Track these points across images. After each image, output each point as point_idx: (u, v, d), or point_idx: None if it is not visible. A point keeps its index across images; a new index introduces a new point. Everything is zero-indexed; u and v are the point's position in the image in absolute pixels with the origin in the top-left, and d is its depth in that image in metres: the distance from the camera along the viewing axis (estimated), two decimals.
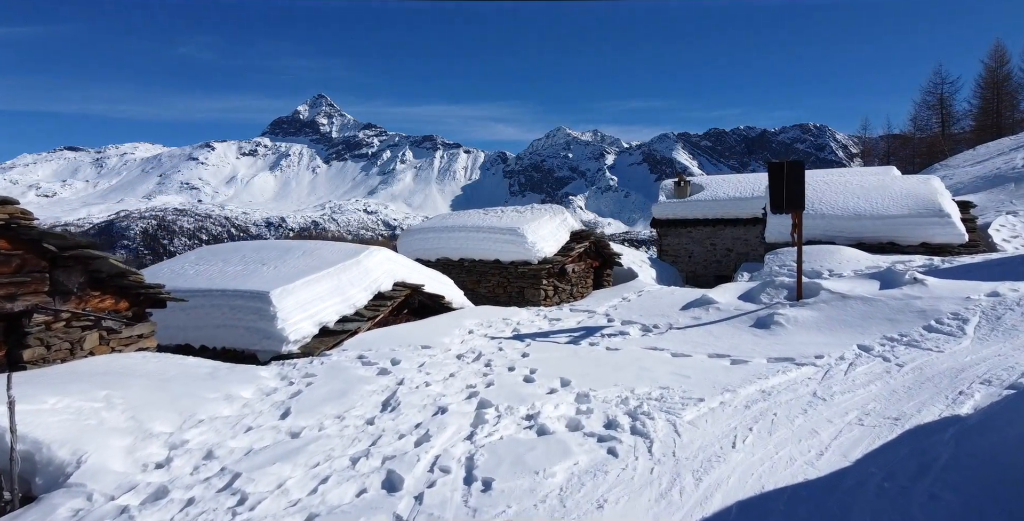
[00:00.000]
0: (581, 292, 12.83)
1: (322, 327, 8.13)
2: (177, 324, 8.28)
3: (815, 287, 8.13)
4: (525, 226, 11.87)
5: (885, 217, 13.29)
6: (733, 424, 4.45)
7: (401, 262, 9.69)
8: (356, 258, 8.97)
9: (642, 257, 15.25)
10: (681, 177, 20.33)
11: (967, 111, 40.37)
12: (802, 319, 7.41)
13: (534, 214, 12.54)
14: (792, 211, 8.07)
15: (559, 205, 12.92)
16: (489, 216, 12.84)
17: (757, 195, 19.02)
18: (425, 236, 12.87)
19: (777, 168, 8.11)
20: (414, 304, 9.59)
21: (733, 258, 19.48)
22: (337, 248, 9.37)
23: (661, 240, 20.37)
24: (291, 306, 7.87)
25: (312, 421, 4.63)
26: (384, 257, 9.31)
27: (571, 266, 12.31)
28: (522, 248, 11.70)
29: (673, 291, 10.22)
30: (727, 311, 8.29)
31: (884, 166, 19.55)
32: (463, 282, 12.42)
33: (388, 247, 33.25)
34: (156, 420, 4.45)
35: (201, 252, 10.02)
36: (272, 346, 7.65)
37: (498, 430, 4.37)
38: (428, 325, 8.54)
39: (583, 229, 13.02)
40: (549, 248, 11.96)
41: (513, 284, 11.89)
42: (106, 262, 5.94)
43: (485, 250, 12.11)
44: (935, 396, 4.72)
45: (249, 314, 7.83)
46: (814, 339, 6.87)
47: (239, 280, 8.41)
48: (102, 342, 6.07)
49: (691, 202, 19.74)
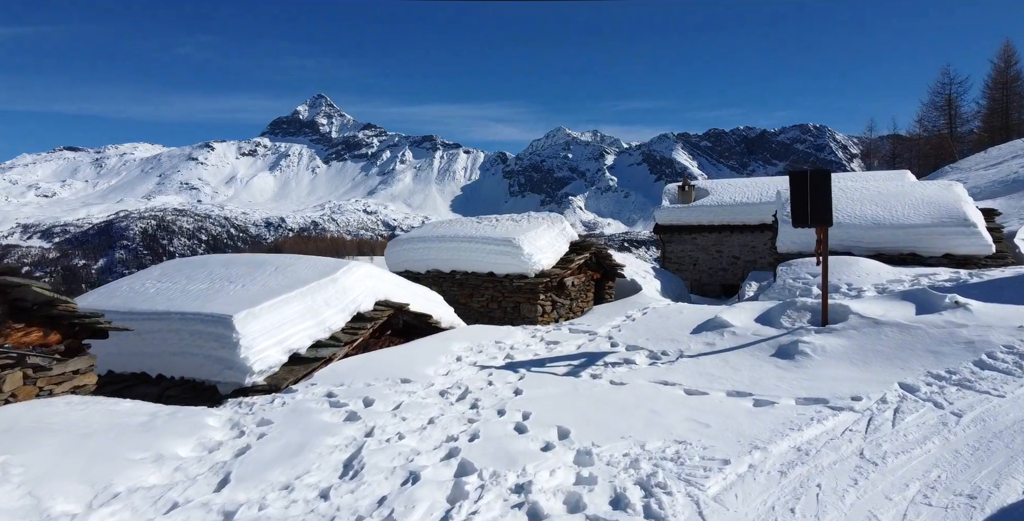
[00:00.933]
0: (581, 306, 12.00)
1: (293, 354, 7.29)
2: (133, 350, 7.44)
3: (843, 310, 7.30)
4: (521, 236, 11.04)
5: (905, 226, 12.45)
6: (770, 501, 3.61)
7: (384, 278, 8.85)
8: (333, 275, 8.12)
9: (646, 267, 14.41)
10: (686, 181, 19.50)
11: (976, 112, 39.55)
12: (830, 348, 6.57)
13: (531, 223, 11.70)
14: (817, 226, 7.23)
15: (558, 213, 12.05)
16: (483, 225, 12.00)
17: (765, 200, 18.20)
18: (414, 246, 12.03)
19: (800, 178, 7.27)
20: (398, 325, 8.76)
21: (740, 266, 18.65)
22: (312, 264, 8.53)
23: (664, 247, 19.53)
24: (257, 331, 7.03)
25: (254, 494, 3.79)
26: (364, 273, 8.47)
27: (570, 279, 11.47)
28: (518, 260, 10.87)
29: (681, 309, 9.39)
30: (744, 336, 7.46)
31: (898, 170, 18.75)
32: (455, 296, 11.59)
33: None
34: (60, 496, 3.61)
35: (166, 267, 9.18)
36: (234, 377, 6.81)
37: (479, 510, 3.53)
38: (412, 351, 7.71)
39: (584, 239, 12.18)
40: (547, 260, 11.12)
41: (508, 299, 11.06)
42: (29, 290, 5.10)
43: (478, 262, 11.28)
44: (1011, 462, 3.89)
45: (209, 341, 6.99)
46: (846, 373, 6.03)
47: (201, 301, 7.57)
48: (27, 382, 5.24)
49: (696, 207, 18.90)
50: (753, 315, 8.05)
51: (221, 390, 6.92)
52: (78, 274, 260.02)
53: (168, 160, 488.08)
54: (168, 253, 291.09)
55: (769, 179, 20.04)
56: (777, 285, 11.84)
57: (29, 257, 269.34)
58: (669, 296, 13.68)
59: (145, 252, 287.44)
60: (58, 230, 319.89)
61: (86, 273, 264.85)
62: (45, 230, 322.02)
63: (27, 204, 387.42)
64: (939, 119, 39.57)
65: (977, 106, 40.78)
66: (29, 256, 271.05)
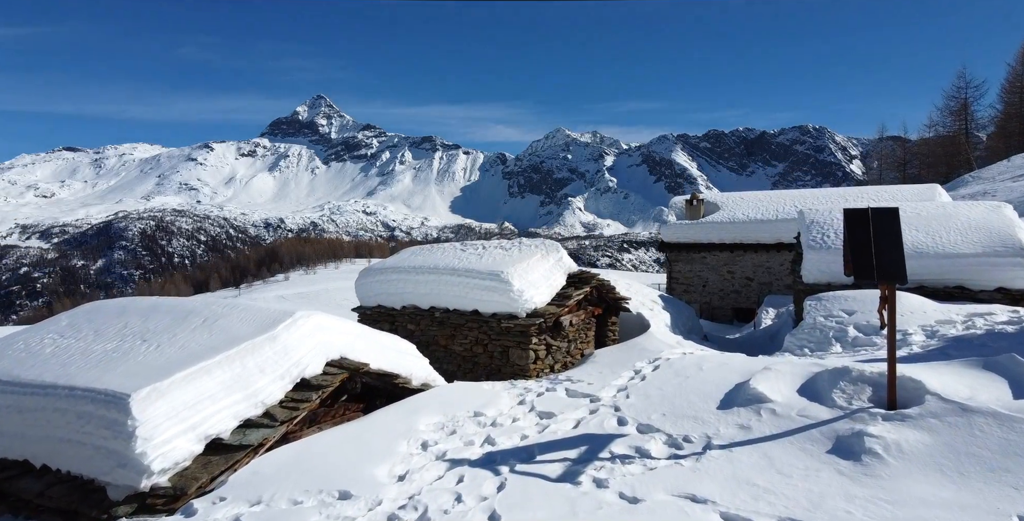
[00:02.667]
0: (580, 349, 10.41)
1: (212, 440, 5.70)
2: (16, 431, 5.88)
3: (915, 388, 5.72)
4: (510, 269, 9.46)
5: (952, 255, 10.87)
6: None
7: (340, 329, 7.26)
8: (271, 332, 6.52)
9: (652, 296, 12.82)
10: (694, 195, 17.91)
11: (992, 117, 37.94)
12: (909, 448, 4.99)
13: (522, 252, 10.11)
14: (883, 283, 5.64)
15: (553, 240, 10.45)
16: (467, 253, 10.41)
17: (782, 217, 16.61)
18: (388, 278, 10.44)
19: (859, 217, 5.68)
20: (355, 389, 7.17)
21: (754, 288, 17.06)
22: (250, 315, 6.93)
23: (671, 266, 17.93)
24: (163, 414, 5.43)
25: None
26: (313, 327, 6.88)
27: (568, 318, 9.89)
28: (506, 297, 9.28)
29: (701, 364, 7.81)
30: (787, 416, 5.87)
31: (926, 184, 17.18)
32: (434, 336, 10.02)
33: (384, 253, 29.98)
34: None
35: (76, 315, 7.57)
36: (127, 479, 5.21)
37: None
38: (364, 434, 6.11)
39: (583, 271, 10.57)
40: (540, 296, 9.54)
41: (495, 342, 9.47)
42: None
43: (461, 298, 9.69)
44: None
45: (100, 428, 5.39)
46: (940, 492, 4.45)
47: (100, 369, 5.97)
48: None
49: (706, 224, 17.31)
50: (795, 384, 6.46)
51: (111, 494, 5.32)
52: (77, 275, 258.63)
53: (167, 160, 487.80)
54: (167, 254, 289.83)
55: (785, 193, 18.47)
56: (806, 324, 10.26)
57: (28, 258, 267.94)
58: (680, 330, 12.10)
59: (144, 253, 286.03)
60: (57, 231, 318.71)
61: (85, 274, 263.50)
62: (44, 231, 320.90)
63: (26, 204, 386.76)
64: (954, 123, 37.96)
65: (994, 111, 39.22)
66: (28, 257, 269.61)
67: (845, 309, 10.23)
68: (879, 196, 16.29)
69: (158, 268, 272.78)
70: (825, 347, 9.73)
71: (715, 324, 16.47)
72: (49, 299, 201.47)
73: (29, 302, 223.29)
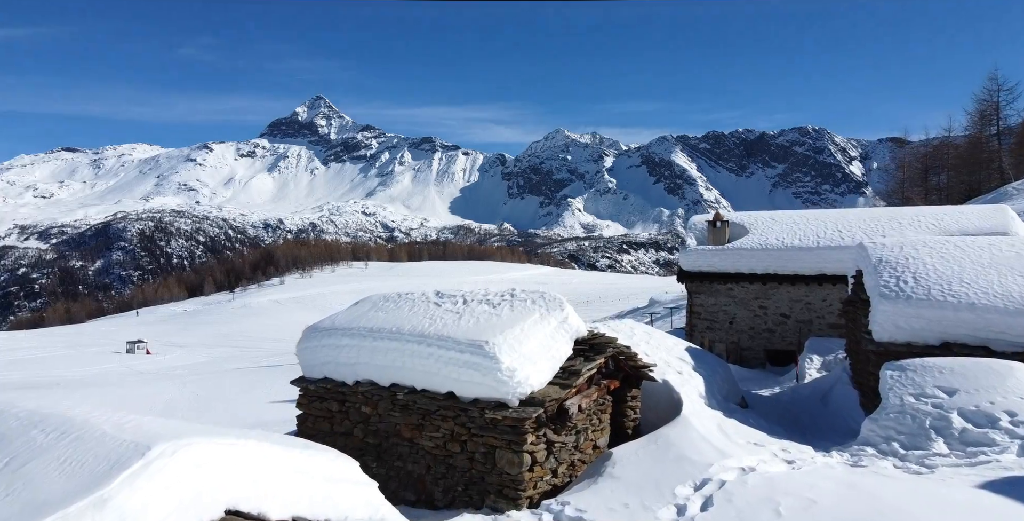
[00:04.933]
0: (592, 440, 7.87)
1: None
2: None
3: None
4: (498, 338, 6.92)
5: None
6: None
7: (232, 461, 4.67)
8: (101, 492, 3.95)
9: (677, 350, 10.27)
10: (718, 216, 15.38)
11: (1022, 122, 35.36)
12: None
13: (515, 312, 7.56)
14: None
15: (556, 295, 7.87)
16: (443, 310, 7.87)
17: (824, 243, 14.09)
18: (338, 343, 7.88)
19: None
20: None
21: (791, 327, 14.53)
22: (76, 458, 4.36)
23: (692, 299, 15.41)
24: None
25: None
26: (176, 475, 4.29)
27: (575, 401, 7.35)
28: (492, 378, 6.74)
29: (776, 500, 5.31)
30: None
31: (993, 205, 14.70)
32: (396, 426, 7.52)
33: (381, 256, 26.11)
34: None
35: None
36: None
37: None
38: None
39: (593, 334, 8.02)
40: (538, 375, 7.01)
41: (477, 439, 6.94)
42: None
43: (432, 375, 7.16)
44: None
45: None
46: None
47: None
48: None
49: (733, 251, 14.78)
50: None
51: None
52: (75, 276, 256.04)
53: (166, 161, 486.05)
54: (165, 255, 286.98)
55: (823, 213, 15.96)
56: (891, 406, 7.73)
57: (26, 259, 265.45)
58: (716, 399, 9.58)
59: (142, 253, 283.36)
60: (55, 231, 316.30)
61: (83, 275, 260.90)
62: (42, 231, 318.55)
63: (25, 205, 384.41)
64: (984, 128, 35.38)
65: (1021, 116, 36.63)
66: (26, 257, 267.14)
67: (943, 386, 7.70)
68: (940, 221, 13.78)
69: (157, 269, 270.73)
70: (923, 442, 7.23)
71: (746, 370, 13.94)
72: (47, 300, 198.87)
73: (27, 303, 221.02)
